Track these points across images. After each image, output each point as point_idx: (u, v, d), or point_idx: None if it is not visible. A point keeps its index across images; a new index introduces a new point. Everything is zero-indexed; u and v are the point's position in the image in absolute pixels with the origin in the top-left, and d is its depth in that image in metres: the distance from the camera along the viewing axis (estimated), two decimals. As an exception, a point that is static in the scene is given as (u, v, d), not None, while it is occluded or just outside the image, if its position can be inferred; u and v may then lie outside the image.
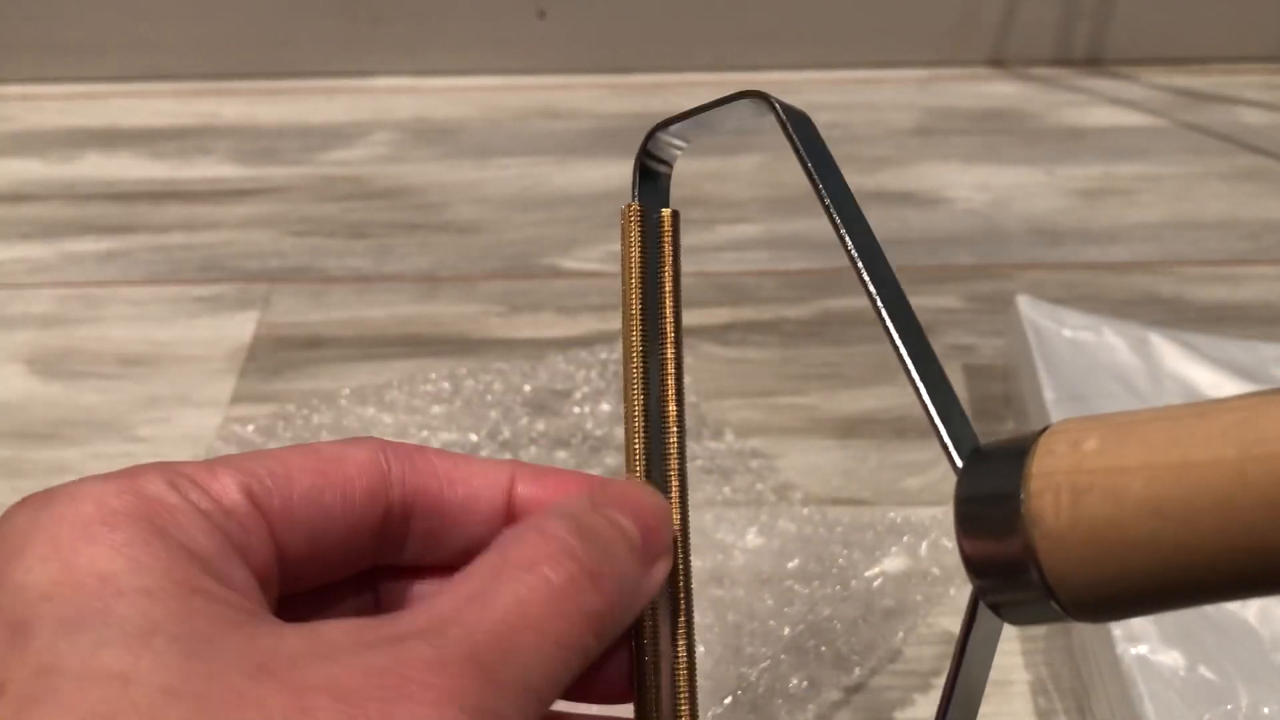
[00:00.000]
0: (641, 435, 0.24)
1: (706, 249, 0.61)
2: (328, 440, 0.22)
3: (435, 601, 0.19)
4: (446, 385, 0.50)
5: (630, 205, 0.26)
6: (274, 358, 0.54)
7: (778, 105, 0.24)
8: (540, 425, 0.49)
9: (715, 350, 0.54)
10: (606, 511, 0.21)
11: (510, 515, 0.23)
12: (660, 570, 0.22)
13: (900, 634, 0.41)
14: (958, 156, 0.67)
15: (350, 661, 0.17)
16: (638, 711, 0.23)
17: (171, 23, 0.73)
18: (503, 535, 0.21)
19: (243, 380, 0.53)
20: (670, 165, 0.27)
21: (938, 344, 0.54)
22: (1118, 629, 0.37)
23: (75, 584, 0.17)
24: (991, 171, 0.66)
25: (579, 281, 0.59)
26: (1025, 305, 0.50)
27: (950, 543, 0.41)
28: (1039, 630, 0.42)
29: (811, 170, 0.23)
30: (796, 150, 0.24)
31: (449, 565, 0.23)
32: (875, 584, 0.41)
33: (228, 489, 0.20)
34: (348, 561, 0.22)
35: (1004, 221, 0.62)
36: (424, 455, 0.22)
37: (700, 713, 0.24)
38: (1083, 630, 0.40)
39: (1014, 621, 0.20)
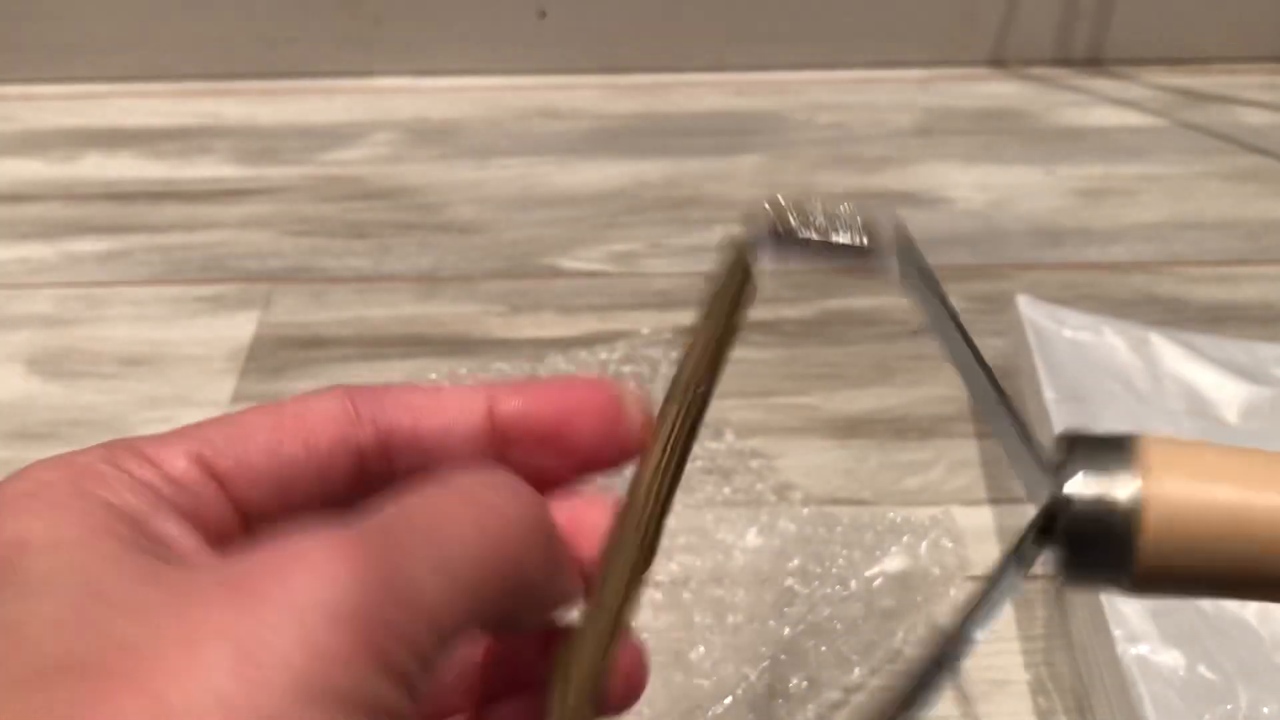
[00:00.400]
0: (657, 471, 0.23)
1: (706, 249, 0.61)
2: (300, 395, 0.22)
3: None
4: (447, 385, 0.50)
5: (742, 251, 0.26)
6: (274, 357, 0.54)
7: (919, 261, 0.25)
8: (540, 425, 0.49)
9: (715, 350, 0.54)
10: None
11: (495, 434, 0.23)
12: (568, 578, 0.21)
13: (900, 634, 0.41)
14: (958, 156, 0.67)
15: (252, 556, 0.17)
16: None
17: (171, 23, 0.73)
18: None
19: (243, 380, 0.53)
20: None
21: (934, 345, 0.54)
22: (1118, 629, 0.38)
23: None
24: (991, 171, 0.66)
25: (579, 281, 0.59)
26: (1025, 305, 0.50)
27: (950, 543, 0.42)
28: (1039, 630, 0.43)
29: (945, 329, 0.24)
30: (939, 313, 0.24)
31: None
32: (875, 584, 0.41)
33: (173, 455, 0.20)
34: (329, 505, 0.22)
35: (1004, 221, 0.62)
36: (393, 393, 0.22)
37: (700, 713, 0.23)
38: (1083, 630, 0.40)
39: (1073, 583, 0.22)
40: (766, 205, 0.25)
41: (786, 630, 0.40)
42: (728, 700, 0.37)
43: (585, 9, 0.73)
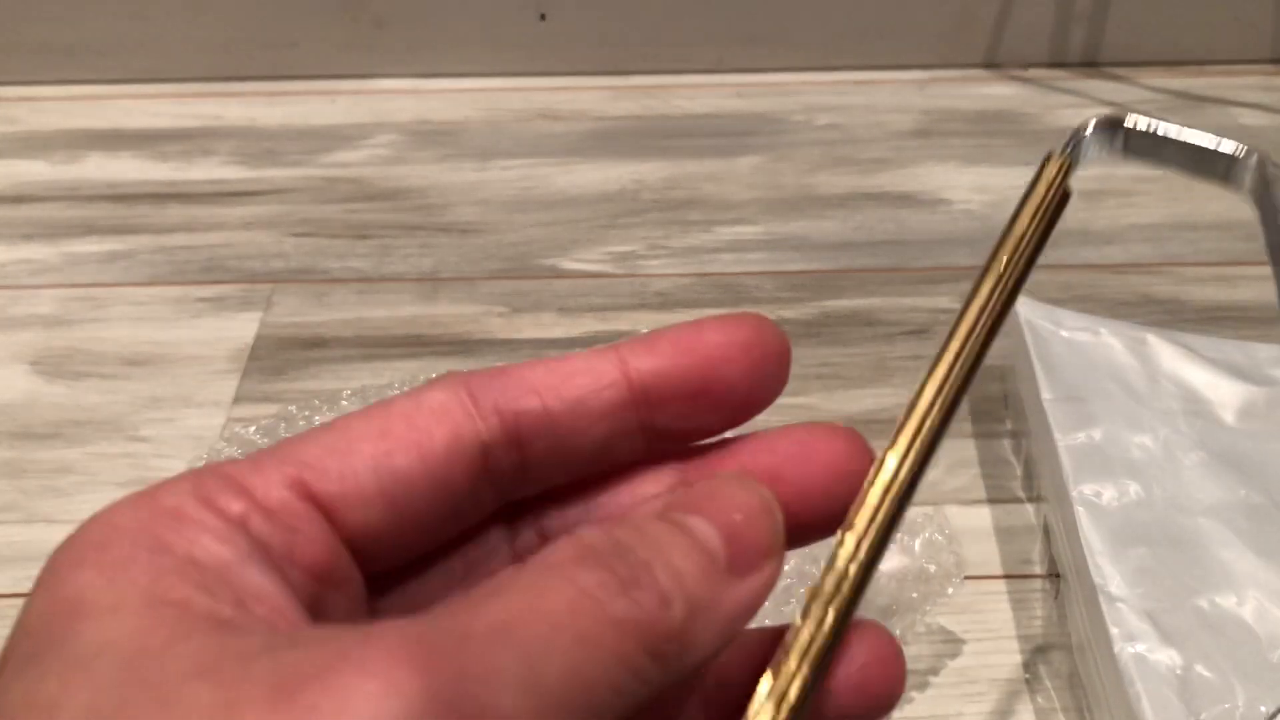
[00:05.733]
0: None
1: (706, 250, 0.61)
2: (405, 390, 0.19)
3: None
4: (448, 386, 0.50)
5: (1060, 156, 0.23)
6: (276, 358, 0.54)
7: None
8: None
9: (715, 351, 0.54)
10: (675, 517, 0.18)
11: (637, 400, 0.20)
12: (753, 583, 0.18)
13: (897, 631, 0.41)
14: (956, 158, 0.68)
15: (307, 650, 0.15)
16: None
17: (174, 25, 0.73)
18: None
19: (245, 381, 0.53)
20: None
21: (936, 345, 0.54)
22: (1115, 628, 0.38)
23: (50, 614, 0.16)
24: (989, 173, 0.66)
25: (580, 282, 0.59)
26: (1023, 306, 0.50)
27: (943, 538, 0.42)
28: (1037, 629, 0.43)
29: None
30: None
31: (585, 482, 0.21)
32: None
33: (270, 485, 0.18)
34: (455, 514, 0.20)
35: (1001, 222, 0.62)
36: (513, 373, 0.20)
37: None
38: (1081, 629, 0.40)
39: None
40: (1107, 113, 0.24)
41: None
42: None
43: (585, 11, 0.73)
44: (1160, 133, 0.24)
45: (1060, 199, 0.23)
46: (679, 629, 0.17)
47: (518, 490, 0.20)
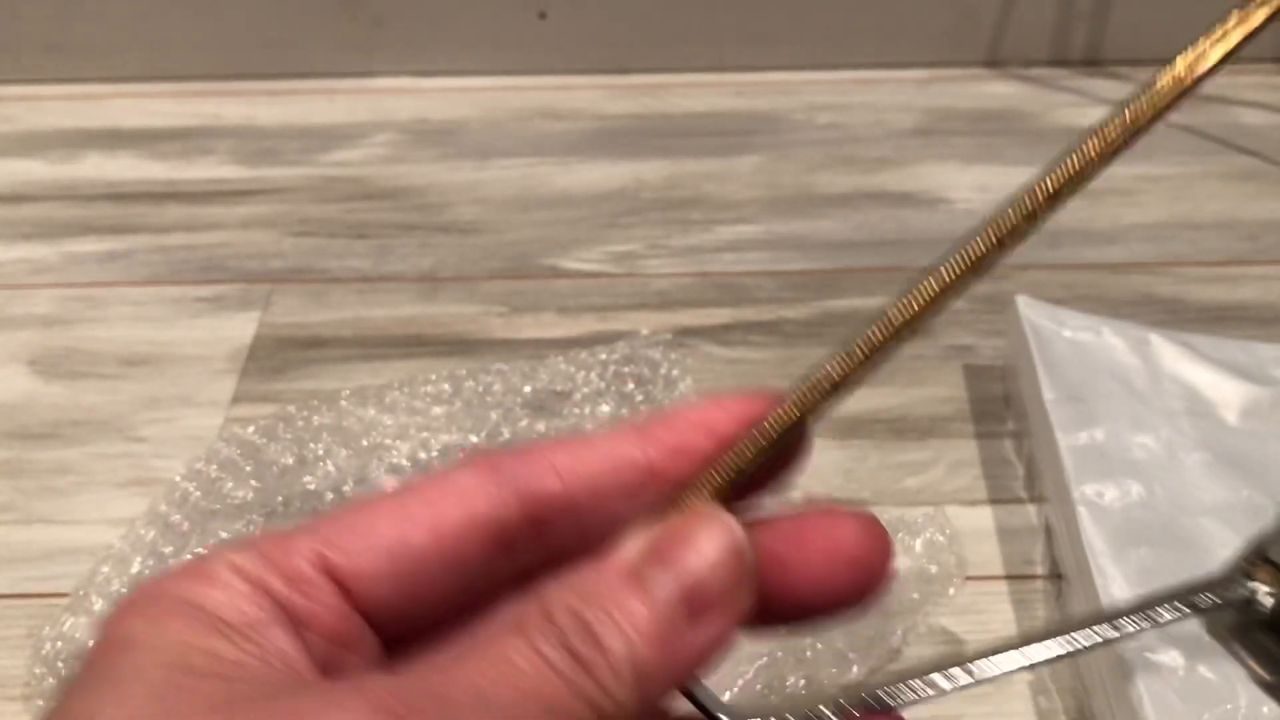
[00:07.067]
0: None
1: (706, 249, 0.61)
2: (439, 471, 0.22)
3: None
4: (447, 386, 0.50)
5: None
6: (275, 358, 0.54)
7: None
8: (540, 426, 0.49)
9: (715, 350, 0.54)
10: (637, 571, 0.19)
11: (656, 481, 0.22)
12: (710, 632, 0.19)
13: (899, 632, 0.41)
14: (957, 157, 0.67)
15: (305, 696, 0.18)
16: None
17: (172, 24, 0.73)
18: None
19: (244, 380, 0.53)
20: None
21: (937, 345, 0.54)
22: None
23: (104, 649, 0.19)
24: (990, 172, 0.66)
25: (579, 282, 0.59)
26: (1024, 306, 0.50)
27: (944, 538, 0.42)
28: (1039, 631, 0.42)
29: None
30: None
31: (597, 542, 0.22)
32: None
33: (294, 558, 0.20)
34: (468, 586, 0.21)
35: (1003, 222, 0.62)
36: (538, 454, 0.22)
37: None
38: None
39: None
40: None
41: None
42: (724, 698, 0.37)
43: (585, 10, 0.73)
44: None
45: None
46: (629, 692, 0.19)
47: (535, 560, 0.22)
